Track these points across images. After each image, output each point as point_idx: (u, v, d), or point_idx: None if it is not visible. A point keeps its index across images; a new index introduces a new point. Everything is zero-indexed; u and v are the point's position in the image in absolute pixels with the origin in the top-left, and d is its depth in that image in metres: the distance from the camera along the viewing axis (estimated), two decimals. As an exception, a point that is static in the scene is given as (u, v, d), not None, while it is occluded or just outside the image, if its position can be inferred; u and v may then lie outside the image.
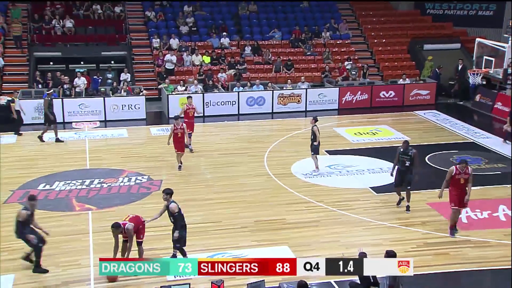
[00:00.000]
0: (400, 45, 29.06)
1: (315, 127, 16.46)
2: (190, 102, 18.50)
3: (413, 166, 13.94)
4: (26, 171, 16.74)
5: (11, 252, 11.86)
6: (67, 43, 26.33)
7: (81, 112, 22.21)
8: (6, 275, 10.90)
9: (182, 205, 13.81)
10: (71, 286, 10.68)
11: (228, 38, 27.46)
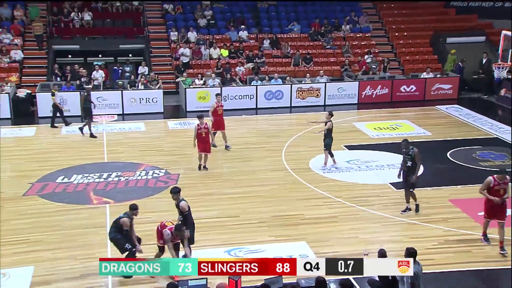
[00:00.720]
0: (422, 38, 28.72)
1: (330, 122, 16.29)
2: (219, 100, 17.91)
3: (416, 165, 13.24)
4: (44, 164, 16.90)
5: (30, 244, 12.00)
6: (85, 36, 26.52)
7: (99, 106, 22.33)
8: (25, 267, 11.03)
9: (199, 199, 13.93)
10: (88, 279, 10.76)
11: (246, 31, 27.41)
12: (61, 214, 13.44)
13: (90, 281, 10.71)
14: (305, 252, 11.83)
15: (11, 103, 21.78)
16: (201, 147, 16.10)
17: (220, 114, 17.82)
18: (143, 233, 12.18)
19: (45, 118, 21.68)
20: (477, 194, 12.41)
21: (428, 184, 15.50)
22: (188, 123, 21.44)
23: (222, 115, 17.87)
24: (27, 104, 22.39)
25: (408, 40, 28.59)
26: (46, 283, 10.02)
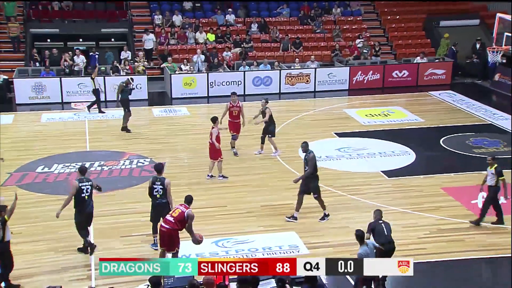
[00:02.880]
0: (415, 22, 28.77)
1: (268, 109, 16.25)
2: (234, 100, 16.34)
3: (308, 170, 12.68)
4: (23, 153, 16.81)
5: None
6: (65, 20, 26.26)
7: (80, 92, 22.20)
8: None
9: (185, 189, 13.91)
10: (70, 272, 10.76)
11: (233, 15, 27.29)
12: (41, 205, 13.38)
13: (72, 274, 10.71)
14: (295, 242, 11.91)
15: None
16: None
17: (236, 115, 16.39)
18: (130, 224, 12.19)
19: (23, 105, 21.51)
20: (470, 182, 12.54)
21: (420, 172, 15.64)
22: (174, 110, 21.40)
23: (238, 116, 16.41)
24: (3, 90, 22.17)
25: (401, 24, 28.64)
26: (26, 276, 10.00)
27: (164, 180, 11.43)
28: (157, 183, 11.42)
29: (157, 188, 11.39)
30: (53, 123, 19.93)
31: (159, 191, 11.39)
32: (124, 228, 12.35)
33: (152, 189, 11.43)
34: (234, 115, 16.32)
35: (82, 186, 11.05)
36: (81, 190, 11.02)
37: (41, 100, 21.79)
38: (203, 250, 11.48)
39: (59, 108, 21.52)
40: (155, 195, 11.40)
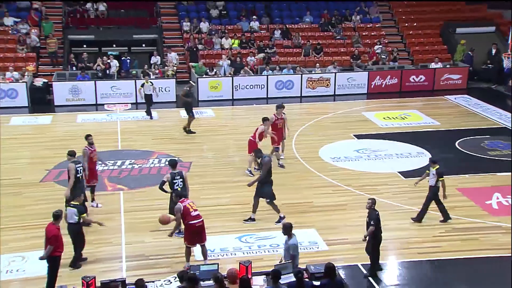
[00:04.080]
0: (432, 28, 28.46)
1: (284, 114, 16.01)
2: (279, 112, 15.77)
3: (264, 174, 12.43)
4: (60, 151, 16.90)
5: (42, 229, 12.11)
6: (100, 26, 26.57)
7: (113, 94, 22.45)
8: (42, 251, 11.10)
9: (210, 187, 13.97)
10: (103, 263, 10.89)
11: (257, 22, 27.31)
12: (76, 200, 13.55)
13: (104, 265, 10.84)
14: (314, 239, 11.87)
15: (28, 92, 21.92)
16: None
17: (281, 127, 15.81)
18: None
19: (61, 106, 21.83)
20: (485, 183, 12.37)
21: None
22: (200, 112, 21.48)
23: (282, 129, 15.86)
24: (43, 92, 22.52)
25: (418, 31, 28.34)
26: (62, 266, 10.11)
27: (182, 173, 11.88)
28: (177, 177, 11.71)
29: (177, 182, 11.67)
30: (88, 123, 20.15)
31: (179, 185, 11.67)
32: (153, 223, 12.39)
33: (173, 183, 11.64)
34: (279, 127, 15.71)
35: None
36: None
37: (77, 102, 22.08)
38: (227, 245, 11.52)
39: (94, 110, 21.77)
40: (176, 189, 11.60)
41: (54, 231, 9.62)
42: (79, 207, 10.58)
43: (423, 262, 11.15)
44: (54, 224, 9.77)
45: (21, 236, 11.86)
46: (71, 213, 10.50)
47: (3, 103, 21.48)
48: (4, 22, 25.33)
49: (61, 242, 9.77)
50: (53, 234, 9.59)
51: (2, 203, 13.35)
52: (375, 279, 10.49)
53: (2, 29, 25.13)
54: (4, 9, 25.74)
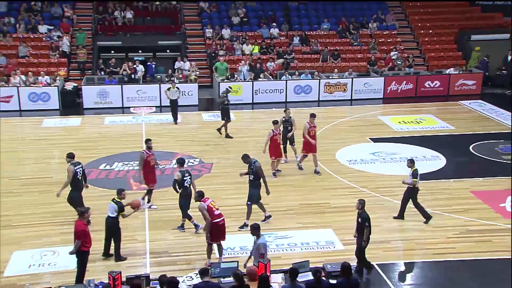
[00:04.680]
0: (447, 35, 28.17)
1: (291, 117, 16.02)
2: (312, 121, 15.43)
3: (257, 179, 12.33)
4: (89, 152, 17.21)
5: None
6: (127, 33, 26.84)
7: (138, 98, 22.64)
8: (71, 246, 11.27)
9: (231, 187, 14.02)
10: (129, 259, 10.97)
11: (277, 29, 27.33)
12: (104, 198, 13.61)
13: (129, 261, 10.92)
14: (331, 239, 11.83)
15: (60, 95, 22.22)
16: (273, 152, 15.15)
17: (313, 135, 15.42)
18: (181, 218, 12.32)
19: (89, 109, 22.08)
20: (499, 186, 12.20)
21: (450, 176, 15.32)
22: (221, 115, 21.56)
23: (315, 137, 15.47)
24: (73, 96, 22.82)
25: (433, 38, 28.07)
26: (90, 261, 10.22)
27: (189, 171, 12.21)
28: (186, 175, 11.97)
29: (187, 179, 11.95)
30: (115, 125, 20.35)
31: (188, 182, 11.96)
32: (175, 222, 12.49)
33: (183, 181, 11.88)
34: (312, 135, 15.34)
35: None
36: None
37: (104, 105, 22.32)
38: (246, 244, 11.52)
39: (120, 112, 21.98)
40: (186, 186, 11.89)
41: (81, 227, 9.74)
42: (119, 205, 10.74)
43: (437, 262, 11.03)
44: (82, 220, 9.89)
45: (52, 232, 12.03)
46: (112, 208, 10.75)
47: (37, 105, 21.83)
48: (39, 29, 25.75)
49: (89, 237, 9.88)
50: (81, 229, 9.71)
51: (34, 200, 13.56)
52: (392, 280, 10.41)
53: (36, 36, 25.54)
54: (39, 18, 26.16)
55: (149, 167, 13.14)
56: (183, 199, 11.96)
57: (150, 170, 13.17)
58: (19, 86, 21.86)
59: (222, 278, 8.77)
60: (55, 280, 9.93)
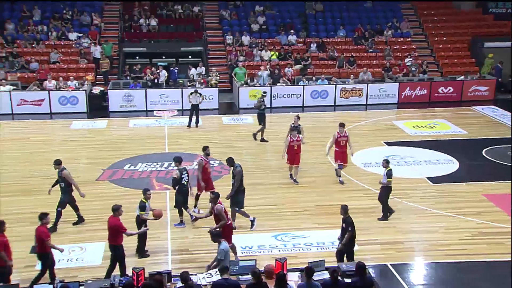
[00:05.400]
0: (461, 43, 27.87)
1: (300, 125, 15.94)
2: (341, 130, 14.75)
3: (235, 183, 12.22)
4: (114, 153, 17.39)
5: (102, 223, 12.36)
6: (151, 40, 27.07)
7: (161, 102, 22.81)
8: (98, 243, 11.43)
9: (249, 188, 13.98)
10: (151, 256, 11.06)
11: (295, 36, 27.32)
12: (128, 197, 13.79)
13: (152, 258, 11.00)
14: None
15: (87, 99, 22.49)
16: (290, 159, 14.77)
17: (343, 145, 14.73)
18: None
19: (115, 112, 22.31)
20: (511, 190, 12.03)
21: (463, 179, 15.15)
22: (240, 119, 21.64)
23: (345, 146, 14.75)
24: (100, 99, 23.07)
25: (447, 45, 27.80)
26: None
27: (187, 169, 12.55)
28: (184, 173, 12.22)
29: (185, 177, 12.22)
30: (138, 128, 20.52)
31: (185, 179, 12.22)
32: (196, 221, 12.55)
33: (181, 179, 12.12)
34: (342, 145, 14.67)
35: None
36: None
37: (129, 108, 22.52)
38: (264, 243, 11.54)
39: (144, 115, 22.16)
40: (183, 183, 12.16)
41: (115, 222, 9.82)
42: (141, 204, 10.86)
43: (449, 263, 10.92)
44: (115, 216, 9.97)
45: (80, 229, 12.18)
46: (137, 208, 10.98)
47: (66, 109, 22.10)
48: (69, 37, 26.12)
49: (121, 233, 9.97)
50: (112, 225, 9.81)
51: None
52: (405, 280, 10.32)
53: (66, 43, 25.90)
54: (69, 26, 26.54)
55: (206, 173, 12.89)
56: (180, 195, 12.22)
57: (207, 177, 12.92)
58: (50, 90, 22.19)
59: (241, 276, 8.78)
60: (82, 275, 10.04)
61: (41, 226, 9.67)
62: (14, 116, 21.55)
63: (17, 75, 23.70)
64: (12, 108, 21.70)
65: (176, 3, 28.48)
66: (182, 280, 8.27)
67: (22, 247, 10.98)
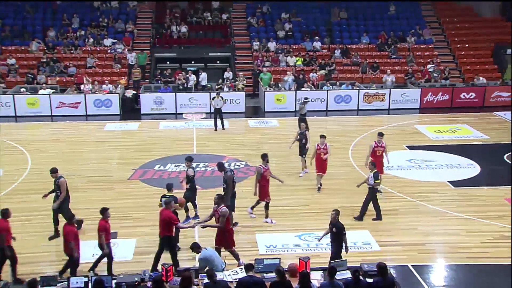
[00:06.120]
0: (483, 49, 27.33)
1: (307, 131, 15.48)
2: (379, 140, 14.17)
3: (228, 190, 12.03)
4: (145, 154, 17.56)
5: (133, 220, 12.56)
6: (182, 46, 27.31)
7: (190, 105, 22.97)
8: (129, 239, 11.56)
9: (274, 189, 13.98)
10: (180, 253, 11.07)
11: (320, 42, 27.20)
12: (157, 196, 13.82)
13: (180, 255, 11.03)
14: (368, 240, 11.65)
15: (120, 102, 22.81)
16: (318, 167, 14.30)
17: (380, 155, 14.12)
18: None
19: (146, 114, 22.56)
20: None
21: (484, 183, 14.84)
22: (266, 122, 21.63)
23: (381, 156, 14.10)
24: (132, 102, 23.37)
25: (470, 51, 27.30)
26: (146, 253, 10.46)
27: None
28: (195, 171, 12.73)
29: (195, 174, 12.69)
30: (168, 130, 20.69)
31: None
32: (223, 219, 12.57)
33: (194, 176, 12.60)
34: (378, 154, 14.03)
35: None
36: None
37: (160, 111, 22.74)
38: (287, 242, 11.50)
39: (173, 118, 22.33)
40: (193, 180, 12.52)
41: (167, 215, 10.06)
42: (168, 198, 10.94)
43: (470, 266, 10.70)
44: (167, 209, 10.18)
45: (113, 226, 12.26)
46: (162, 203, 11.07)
47: (100, 111, 22.44)
48: (104, 43, 26.56)
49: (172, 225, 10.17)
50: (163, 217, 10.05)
51: (97, 196, 13.96)
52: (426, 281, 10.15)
53: (102, 49, 26.34)
54: (105, 33, 27.00)
55: (265, 181, 12.57)
56: (190, 192, 12.40)
57: (266, 184, 12.58)
58: (86, 93, 22.58)
59: (265, 274, 8.76)
60: (115, 269, 10.15)
61: (102, 220, 10.04)
62: (53, 117, 21.98)
63: (56, 79, 24.20)
64: (52, 110, 22.15)
65: (206, 11, 28.69)
66: (208, 277, 8.29)
67: (58, 241, 11.15)
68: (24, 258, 10.55)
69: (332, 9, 29.22)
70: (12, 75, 24.22)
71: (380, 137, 14.17)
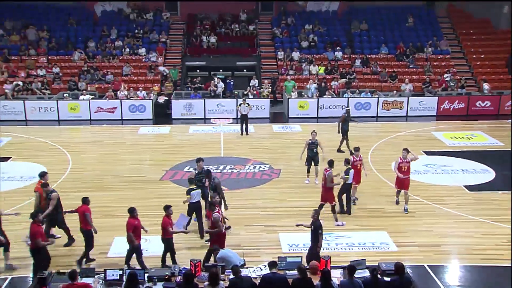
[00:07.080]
0: (498, 60, 26.81)
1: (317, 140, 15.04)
2: (404, 156, 13.10)
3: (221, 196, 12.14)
4: (175, 156, 17.73)
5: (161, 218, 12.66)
6: (211, 55, 27.54)
7: (218, 110, 23.11)
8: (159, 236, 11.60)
9: (296, 190, 13.97)
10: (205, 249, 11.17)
11: (341, 52, 27.08)
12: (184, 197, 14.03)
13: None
14: (386, 240, 11.53)
15: (153, 107, 23.11)
16: (356, 179, 13.41)
17: (406, 171, 13.03)
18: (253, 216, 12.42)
19: (177, 119, 22.79)
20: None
21: (499, 188, 14.53)
22: (289, 127, 21.61)
23: (407, 172, 13.03)
24: (164, 108, 23.64)
25: (485, 62, 26.79)
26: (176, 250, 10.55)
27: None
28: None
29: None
30: (197, 134, 20.84)
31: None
32: (247, 219, 12.64)
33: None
34: (404, 170, 13.08)
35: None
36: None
37: (189, 116, 22.95)
38: (309, 241, 11.43)
39: (202, 123, 22.50)
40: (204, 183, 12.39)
41: (163, 220, 10.19)
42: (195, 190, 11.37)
43: (485, 267, 10.49)
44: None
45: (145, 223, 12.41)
46: (194, 194, 11.51)
47: (135, 115, 22.78)
48: (139, 52, 26.99)
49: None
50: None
51: (131, 195, 14.16)
52: (441, 281, 10.00)
53: (137, 58, 26.76)
54: (140, 43, 27.43)
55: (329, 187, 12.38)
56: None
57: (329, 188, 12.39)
58: (122, 99, 22.97)
59: (288, 271, 8.76)
60: (147, 263, 10.28)
61: (165, 217, 10.25)
62: (92, 122, 22.42)
63: (95, 86, 24.69)
64: (90, 114, 22.60)
65: (234, 22, 28.89)
66: (233, 273, 8.33)
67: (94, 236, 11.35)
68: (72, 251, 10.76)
69: (353, 21, 29.07)
70: (57, 83, 24.86)
71: (406, 152, 13.15)
